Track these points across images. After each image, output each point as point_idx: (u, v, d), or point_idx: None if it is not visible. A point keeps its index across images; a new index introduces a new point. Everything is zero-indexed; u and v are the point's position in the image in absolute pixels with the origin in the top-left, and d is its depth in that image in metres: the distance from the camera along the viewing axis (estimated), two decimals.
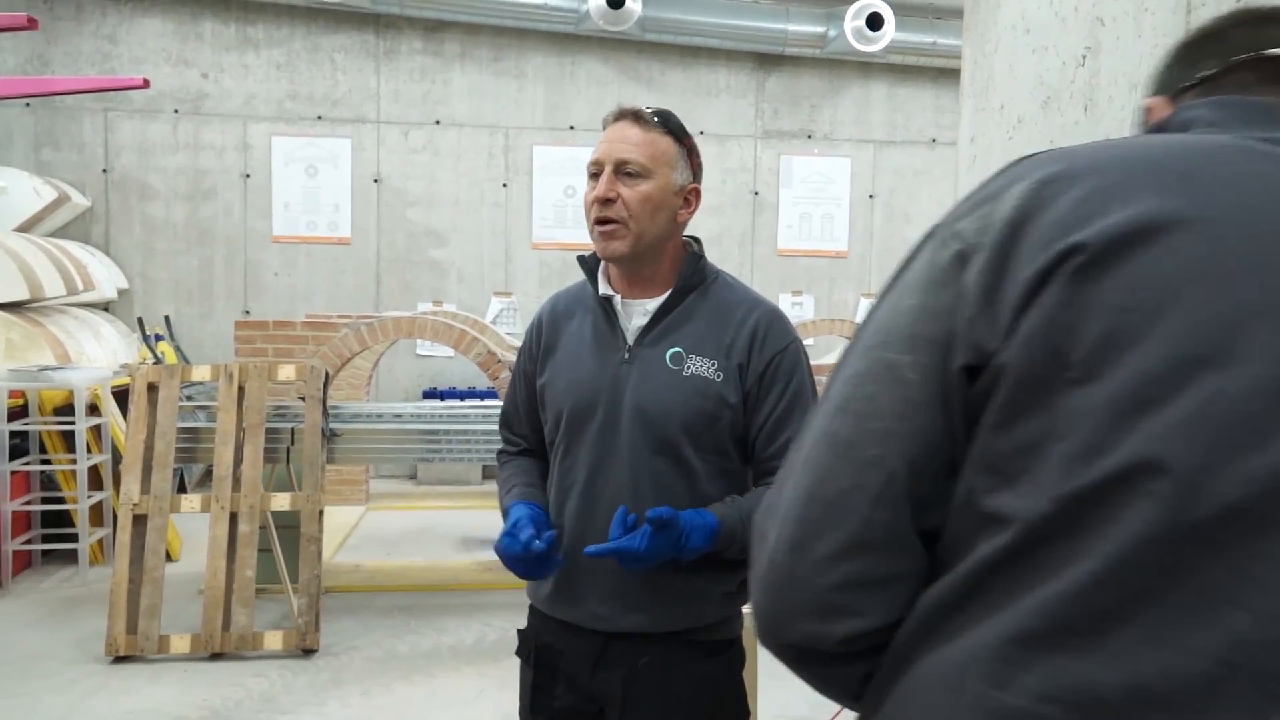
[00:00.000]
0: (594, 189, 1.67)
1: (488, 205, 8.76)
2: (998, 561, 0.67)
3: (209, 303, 8.49)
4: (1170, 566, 0.60)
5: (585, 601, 1.66)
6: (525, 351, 1.84)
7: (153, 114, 8.35)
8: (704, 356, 1.66)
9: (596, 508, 1.65)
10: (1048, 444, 0.65)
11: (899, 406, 0.73)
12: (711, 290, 1.74)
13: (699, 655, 1.67)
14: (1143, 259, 0.65)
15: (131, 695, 3.80)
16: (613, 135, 1.69)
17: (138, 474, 4.31)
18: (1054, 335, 0.66)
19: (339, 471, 7.09)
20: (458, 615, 4.84)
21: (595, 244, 1.68)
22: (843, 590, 0.73)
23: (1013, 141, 2.17)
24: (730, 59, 8.96)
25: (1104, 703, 0.61)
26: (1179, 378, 0.62)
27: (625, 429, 1.65)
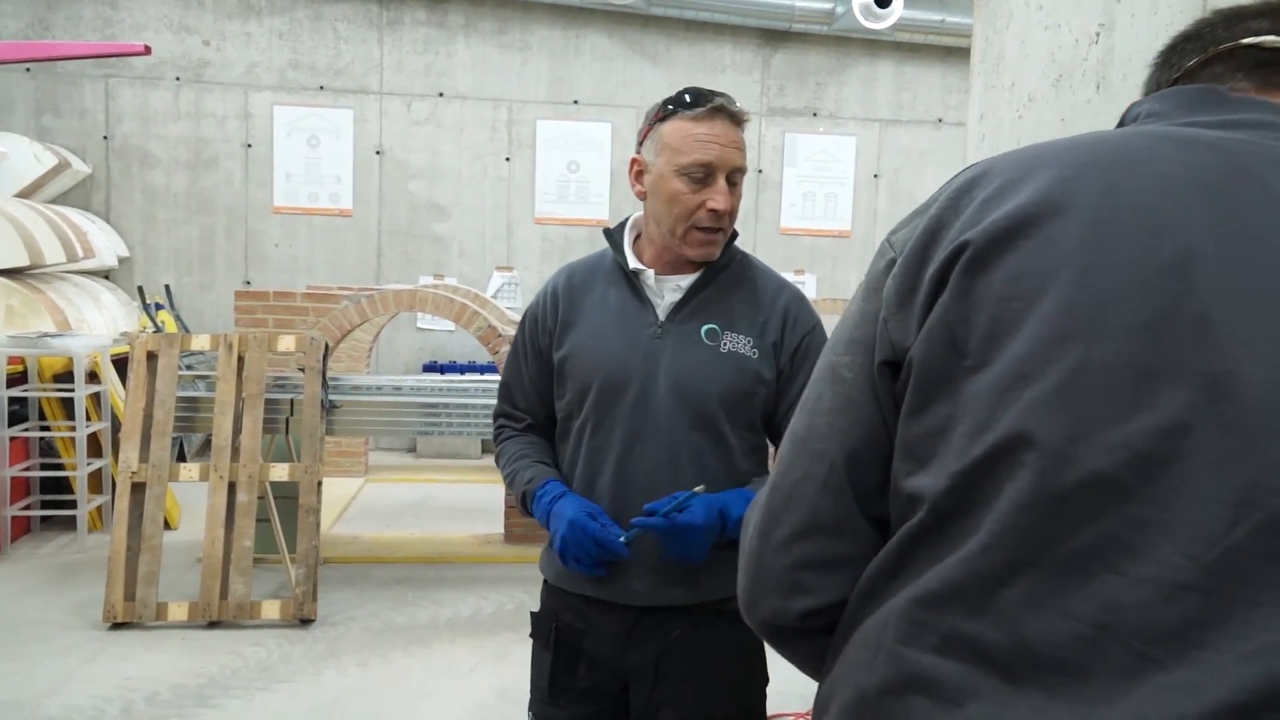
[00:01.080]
0: (700, 193, 1.61)
1: (490, 179, 8.71)
2: (914, 535, 0.73)
3: (209, 272, 8.46)
4: (1045, 533, 0.64)
5: (622, 577, 1.64)
6: (537, 323, 1.79)
7: (154, 81, 8.29)
8: (740, 334, 1.67)
9: (633, 483, 1.64)
10: (951, 427, 0.71)
11: (838, 403, 0.81)
12: (741, 270, 1.74)
13: (727, 624, 1.66)
14: (1024, 249, 0.70)
15: (129, 662, 3.81)
16: (720, 137, 1.61)
17: (136, 442, 4.31)
18: (951, 327, 0.72)
19: (338, 443, 7.10)
20: (455, 588, 4.85)
21: (685, 246, 1.65)
22: (797, 570, 0.83)
23: (1023, 120, 2.14)
24: (736, 35, 8.89)
25: (992, 660, 0.65)
26: (1050, 353, 0.66)
27: (662, 403, 1.63)
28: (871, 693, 0.72)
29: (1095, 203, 0.69)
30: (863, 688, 0.73)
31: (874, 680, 0.72)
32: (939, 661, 0.68)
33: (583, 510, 1.63)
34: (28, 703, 3.43)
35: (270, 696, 3.57)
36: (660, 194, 1.64)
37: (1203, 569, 0.59)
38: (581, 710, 1.72)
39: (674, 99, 1.65)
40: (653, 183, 1.66)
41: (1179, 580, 0.59)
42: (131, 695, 3.52)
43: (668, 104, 1.66)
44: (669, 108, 1.65)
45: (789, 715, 3.42)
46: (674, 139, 1.62)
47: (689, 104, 1.62)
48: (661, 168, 1.63)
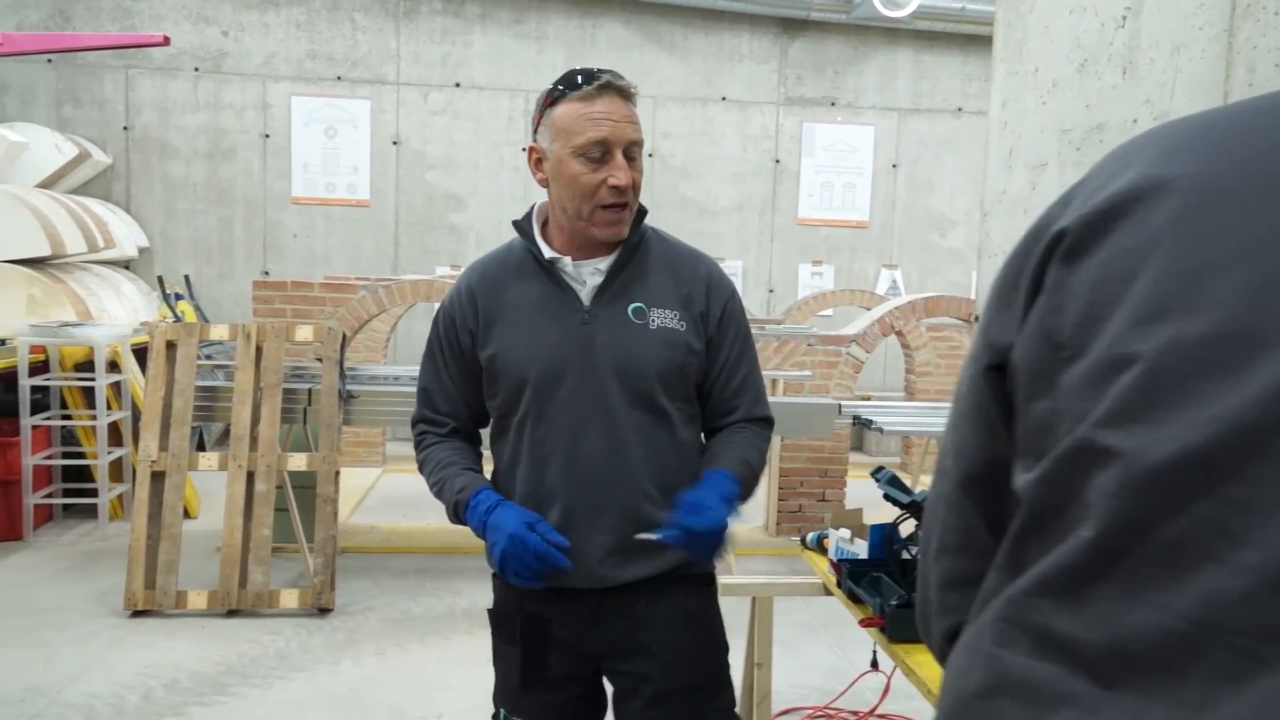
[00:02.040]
0: (599, 171, 1.59)
1: (507, 169, 8.70)
2: (1017, 537, 0.70)
3: (228, 263, 8.50)
4: (1136, 522, 0.60)
5: (584, 564, 1.63)
6: (454, 324, 1.75)
7: (173, 72, 8.32)
8: (665, 308, 1.68)
9: (583, 469, 1.64)
10: (1054, 423, 0.68)
11: (956, 418, 0.81)
12: (656, 245, 1.75)
13: (689, 590, 1.73)
14: (1121, 231, 0.67)
15: (149, 649, 3.84)
16: (612, 113, 1.59)
17: (156, 431, 4.33)
18: (1047, 320, 0.69)
19: (356, 433, 7.12)
20: (471, 578, 4.86)
21: (592, 227, 1.63)
22: (941, 588, 0.82)
23: (1046, 106, 2.11)
24: (754, 23, 8.83)
25: (1085, 661, 0.61)
26: (1143, 333, 0.62)
27: (600, 388, 1.64)
28: (967, 697, 0.69)
29: (1195, 172, 0.65)
30: (960, 692, 0.71)
31: (970, 685, 0.69)
32: (1031, 663, 0.65)
33: (521, 522, 1.59)
34: (49, 689, 3.46)
35: (288, 685, 3.59)
36: (561, 178, 1.62)
37: None
38: (556, 697, 1.72)
39: (561, 80, 1.63)
40: (552, 168, 1.63)
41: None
42: (151, 683, 3.55)
43: (556, 87, 1.63)
44: (557, 90, 1.62)
45: (806, 709, 3.40)
46: (566, 121, 1.59)
47: (576, 84, 1.60)
48: (558, 152, 1.61)
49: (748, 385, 1.78)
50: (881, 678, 2.72)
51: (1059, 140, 2.07)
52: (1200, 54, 1.67)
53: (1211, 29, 1.65)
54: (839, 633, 4.03)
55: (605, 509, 1.65)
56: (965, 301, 6.15)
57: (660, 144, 8.83)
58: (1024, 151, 2.22)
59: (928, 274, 9.21)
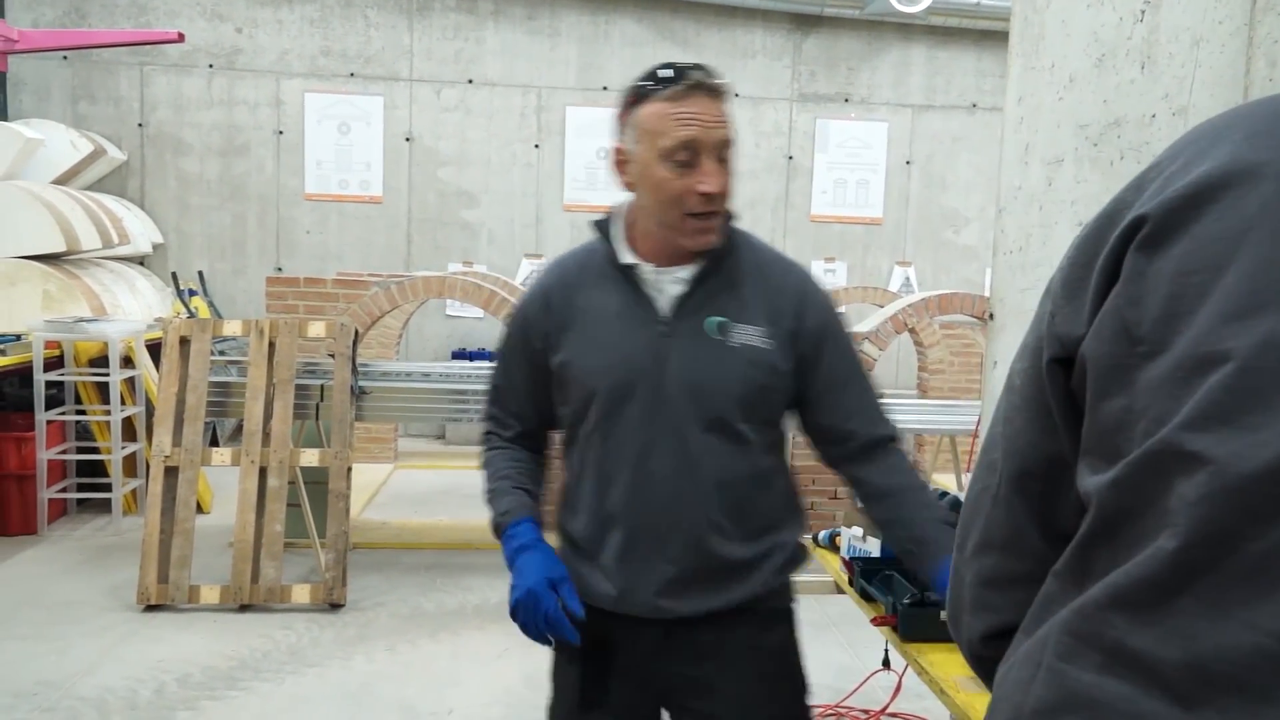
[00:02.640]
0: (688, 177, 1.47)
1: (519, 166, 8.70)
2: (1084, 543, 0.67)
3: (242, 259, 8.53)
4: (1224, 532, 0.56)
5: (642, 594, 1.56)
6: (528, 326, 1.66)
7: (187, 69, 8.35)
8: (751, 324, 1.55)
9: (650, 491, 1.54)
10: (1130, 423, 0.63)
11: (1009, 412, 0.77)
12: (744, 254, 1.61)
13: (760, 627, 1.61)
14: (1207, 217, 0.62)
15: (162, 644, 3.86)
16: (702, 113, 1.47)
17: (170, 426, 4.35)
18: (1123, 312, 0.65)
19: (368, 429, 7.14)
20: (483, 574, 4.86)
21: (680, 236, 1.52)
22: (978, 585, 0.80)
23: (1063, 102, 2.09)
24: (767, 19, 8.81)
25: (1162, 678, 0.58)
26: (1235, 329, 0.58)
27: (673, 406, 1.53)
28: (1026, 714, 0.66)
29: None
30: (1018, 709, 0.67)
31: (1030, 700, 0.66)
32: (1101, 680, 0.61)
33: (544, 578, 1.56)
34: (62, 683, 3.48)
35: (300, 680, 3.60)
36: (646, 183, 1.52)
37: None
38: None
39: (646, 77, 1.51)
40: (638, 172, 1.53)
41: None
42: (164, 677, 3.56)
43: (641, 85, 1.52)
44: (642, 87, 1.51)
45: (818, 707, 3.39)
46: (651, 122, 1.48)
47: (662, 82, 1.49)
48: (643, 155, 1.50)
49: (861, 405, 1.64)
50: (893, 677, 2.70)
51: (1076, 135, 2.04)
52: (1220, 48, 1.65)
53: (1231, 23, 1.63)
54: (850, 631, 4.02)
55: (669, 537, 1.55)
56: (979, 299, 6.12)
57: None
58: (1040, 147, 2.20)
59: (941, 271, 9.16)
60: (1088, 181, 2.01)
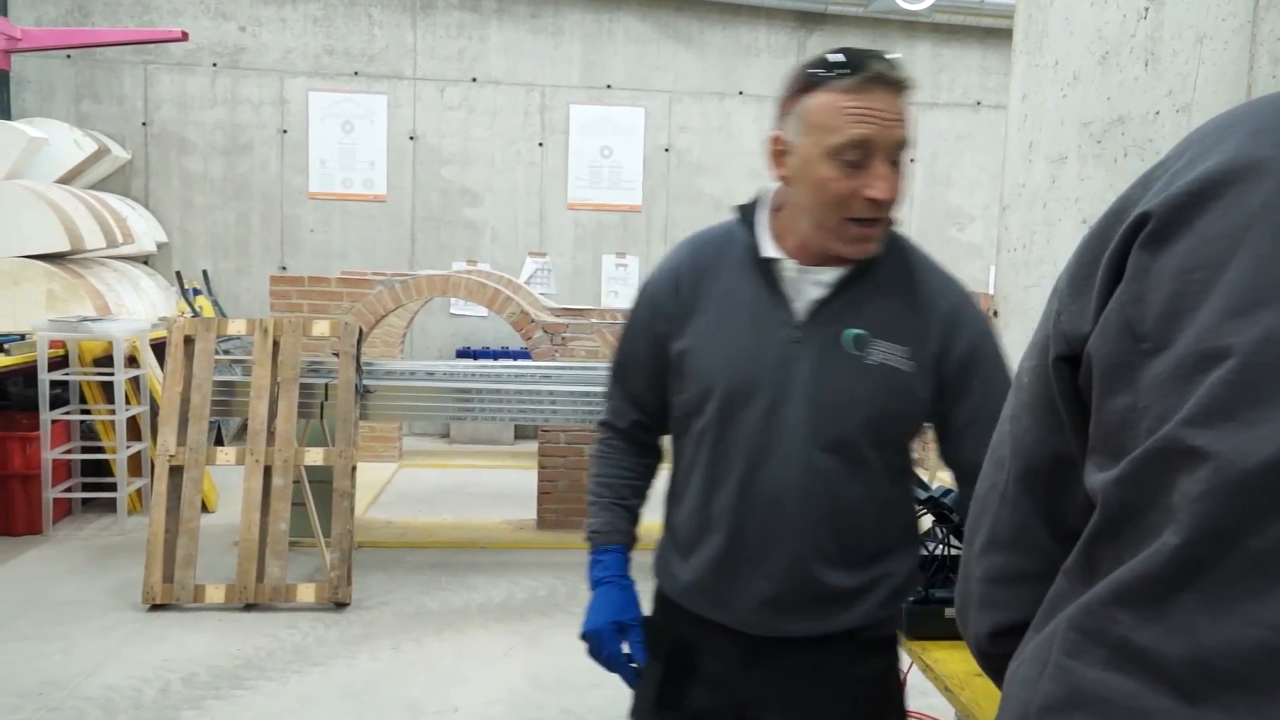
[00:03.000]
0: (855, 179, 1.34)
1: (523, 164, 8.70)
2: (1090, 540, 0.67)
3: (246, 258, 8.54)
4: (1226, 529, 0.56)
5: (735, 605, 1.47)
6: (654, 306, 1.54)
7: (191, 67, 8.36)
8: (892, 342, 1.41)
9: (756, 506, 1.43)
10: (1133, 420, 0.63)
11: (1017, 409, 0.77)
12: (897, 263, 1.46)
13: (861, 654, 1.50)
14: (1210, 214, 0.61)
15: (167, 643, 3.86)
16: (881, 110, 1.32)
17: (174, 425, 4.36)
18: (1126, 310, 0.64)
19: (372, 428, 7.15)
20: (487, 573, 4.87)
21: (836, 240, 1.38)
22: (988, 582, 0.80)
23: (1066, 99, 2.08)
24: (771, 17, 8.79)
25: (1167, 675, 0.58)
26: (1236, 325, 0.58)
27: (794, 422, 1.41)
28: (1034, 711, 0.66)
29: None
30: (1026, 706, 0.67)
31: (1038, 697, 0.66)
32: (1107, 676, 0.61)
33: (611, 621, 1.54)
34: (67, 682, 3.49)
35: (305, 679, 3.60)
36: (807, 180, 1.37)
37: None
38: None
39: (820, 63, 1.36)
40: (798, 167, 1.38)
41: None
42: (169, 676, 3.57)
43: (814, 70, 1.36)
44: (814, 74, 1.36)
45: None
46: (821, 115, 1.34)
47: (840, 71, 1.33)
48: (807, 149, 1.36)
49: None
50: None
51: (1079, 133, 2.04)
52: (1224, 45, 1.64)
53: (1235, 20, 1.62)
54: None
55: (769, 556, 1.44)
56: (983, 296, 6.11)
57: (677, 139, 8.80)
58: (1044, 145, 2.20)
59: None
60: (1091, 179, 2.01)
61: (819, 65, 1.36)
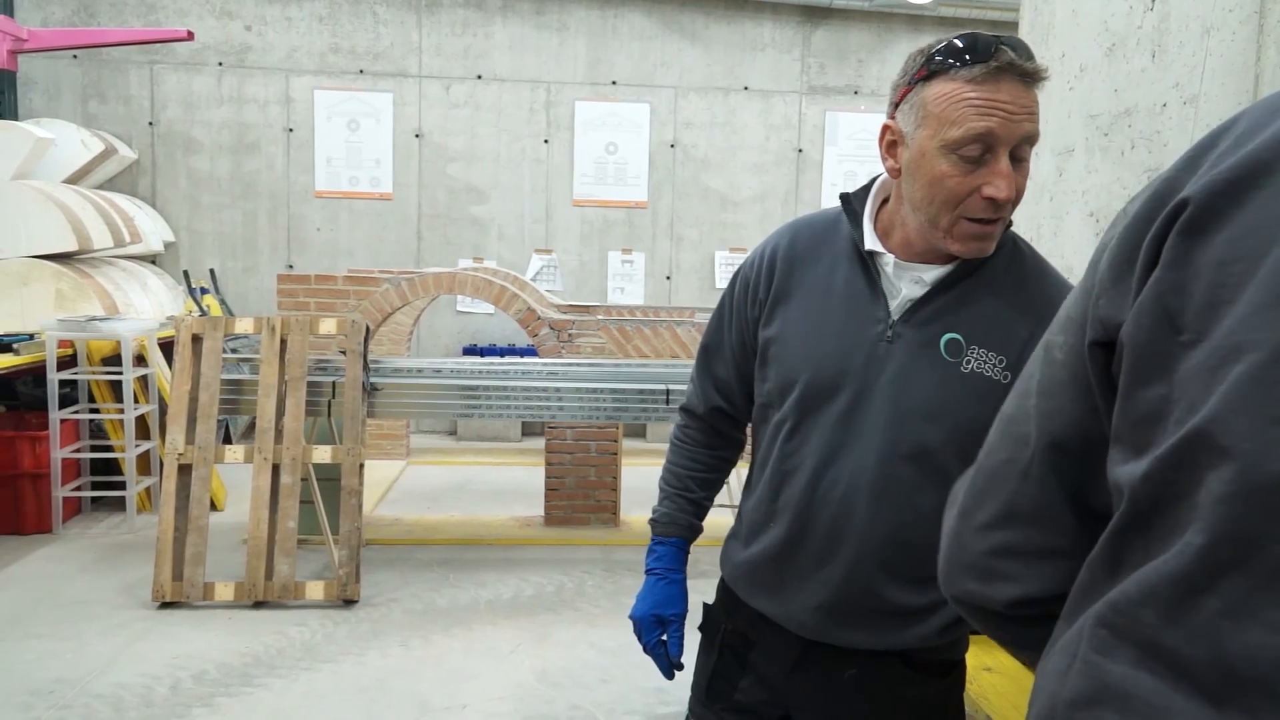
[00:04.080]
0: (974, 176, 1.25)
1: (529, 161, 8.70)
2: (1118, 533, 0.66)
3: (253, 257, 8.56)
4: (1252, 531, 0.55)
5: (789, 604, 1.44)
6: (747, 289, 1.50)
7: (197, 67, 8.37)
8: (989, 350, 1.33)
9: (823, 506, 1.38)
10: (1167, 412, 0.62)
11: (1047, 385, 0.75)
12: (1007, 264, 1.37)
13: (916, 676, 1.43)
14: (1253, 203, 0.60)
15: (177, 641, 3.88)
16: (1008, 102, 1.22)
17: (183, 424, 4.37)
18: (1165, 298, 0.62)
19: (380, 426, 7.16)
20: (495, 570, 4.87)
21: (949, 239, 1.30)
22: (996, 557, 0.78)
23: (1074, 91, 2.08)
24: (776, 12, 8.77)
25: (1192, 676, 0.57)
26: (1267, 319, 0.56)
27: (875, 424, 1.35)
28: (1062, 705, 0.66)
29: None
30: (1054, 699, 0.67)
31: (1066, 691, 0.65)
32: (1134, 674, 0.60)
33: (653, 613, 1.60)
34: (78, 680, 3.50)
35: (314, 676, 3.61)
36: (920, 175, 1.29)
37: None
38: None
39: (943, 49, 1.26)
40: (911, 160, 1.30)
41: None
42: (179, 674, 3.58)
43: (934, 56, 1.27)
44: (936, 60, 1.26)
45: None
46: (941, 105, 1.24)
47: (964, 58, 1.23)
48: (923, 142, 1.27)
49: None
50: None
51: (1086, 125, 2.03)
52: (1231, 36, 1.63)
53: (1242, 11, 1.61)
54: None
55: (830, 558, 1.39)
56: None
57: (683, 134, 8.79)
58: (1050, 137, 2.19)
59: None
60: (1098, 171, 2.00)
61: (940, 51, 1.27)
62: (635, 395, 4.85)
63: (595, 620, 4.23)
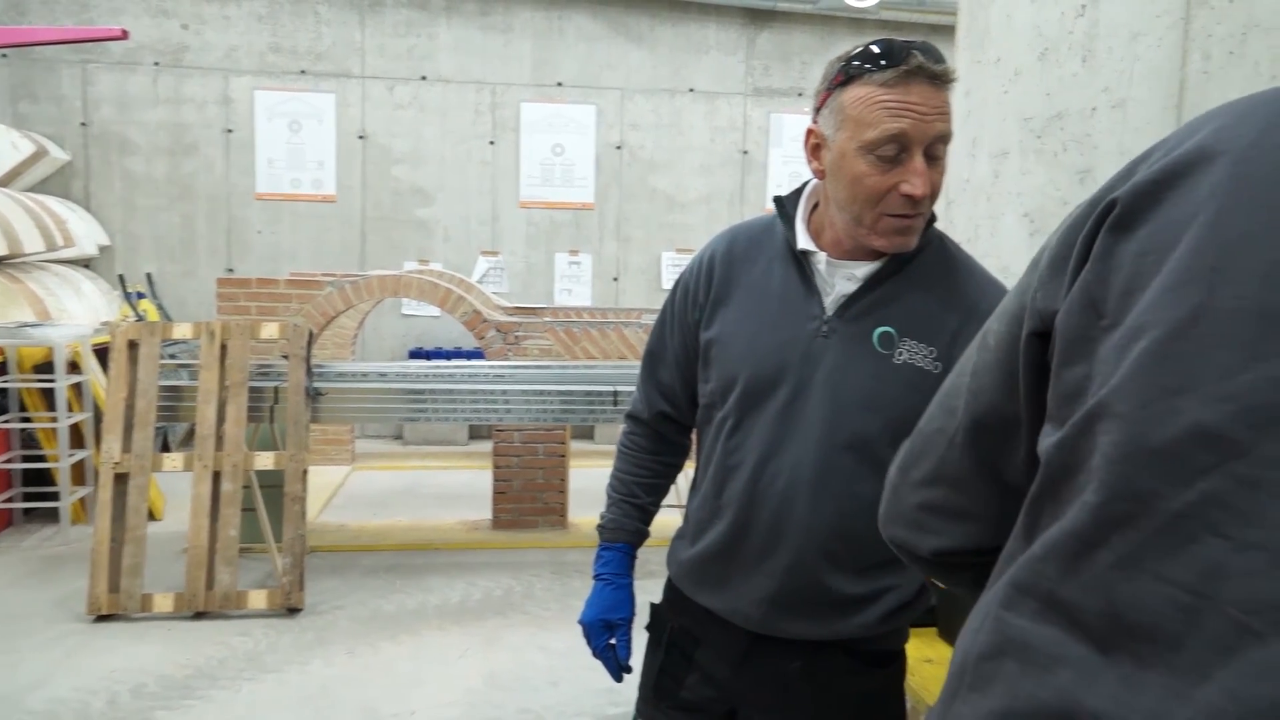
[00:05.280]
0: (891, 174, 1.31)
1: (474, 163, 8.65)
2: (1034, 500, 0.71)
3: (191, 260, 8.38)
4: (1141, 492, 0.60)
5: (735, 598, 1.47)
6: (688, 294, 1.55)
7: (132, 66, 8.18)
8: (920, 341, 1.38)
9: (764, 499, 1.42)
10: (1086, 390, 0.67)
11: (978, 368, 0.82)
12: (933, 260, 1.43)
13: (858, 666, 1.47)
14: (1168, 202, 0.66)
15: (115, 654, 3.79)
16: (919, 103, 1.28)
17: (119, 432, 4.26)
18: (1091, 288, 0.69)
19: (324, 431, 7.06)
20: (443, 574, 4.83)
21: (872, 235, 1.36)
22: (923, 511, 0.89)
23: (1008, 95, 2.12)
24: (720, 14, 8.83)
25: (1085, 626, 0.62)
26: (1168, 301, 0.62)
27: (814, 416, 1.39)
28: (972, 659, 0.71)
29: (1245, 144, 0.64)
30: (966, 654, 0.72)
31: (976, 646, 0.71)
32: (1034, 627, 0.66)
33: (600, 618, 1.63)
34: (12, 696, 3.40)
35: (257, 687, 3.55)
36: (842, 175, 1.34)
37: None
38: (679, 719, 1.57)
39: (859, 55, 1.32)
40: (833, 161, 1.36)
41: None
42: (117, 687, 3.50)
43: (850, 62, 1.32)
44: (852, 66, 1.32)
45: None
46: (858, 109, 1.30)
47: (878, 63, 1.29)
48: (843, 144, 1.33)
49: None
50: None
51: (1021, 128, 2.07)
52: (1157, 42, 1.68)
53: (1168, 17, 1.66)
54: None
55: (774, 550, 1.42)
56: None
57: (629, 136, 8.81)
58: (987, 140, 2.23)
59: None
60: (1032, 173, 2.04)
61: (856, 57, 1.32)
62: (583, 397, 4.84)
63: (544, 623, 4.22)
